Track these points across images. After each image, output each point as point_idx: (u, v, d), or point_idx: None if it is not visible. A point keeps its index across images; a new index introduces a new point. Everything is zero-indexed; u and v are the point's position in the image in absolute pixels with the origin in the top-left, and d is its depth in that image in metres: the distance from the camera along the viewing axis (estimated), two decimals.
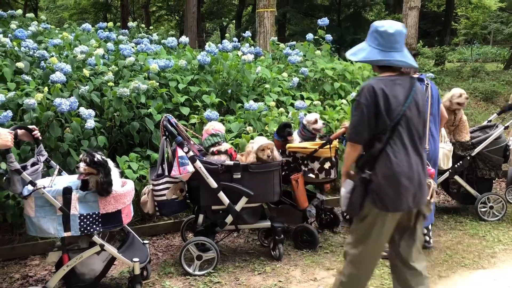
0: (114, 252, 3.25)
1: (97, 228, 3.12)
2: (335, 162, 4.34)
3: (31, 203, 3.07)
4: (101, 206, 3.11)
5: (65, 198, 3.07)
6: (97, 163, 3.10)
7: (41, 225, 3.07)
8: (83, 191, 3.12)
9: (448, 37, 19.18)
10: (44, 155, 3.44)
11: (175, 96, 5.15)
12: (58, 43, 5.73)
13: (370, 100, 2.52)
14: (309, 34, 7.29)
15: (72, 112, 4.32)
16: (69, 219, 3.07)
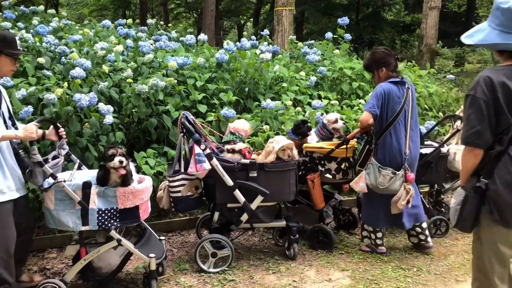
0: (131, 247, 3.27)
1: (115, 223, 3.15)
2: (353, 163, 4.30)
3: (51, 196, 3.11)
4: (119, 201, 3.13)
5: (84, 192, 3.09)
6: (125, 156, 3.17)
7: (60, 218, 3.11)
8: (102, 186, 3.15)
9: None
10: (65, 149, 3.49)
11: (193, 93, 5.17)
12: (79, 39, 5.80)
13: (488, 94, 2.16)
14: (328, 33, 7.25)
15: (91, 107, 4.36)
16: (88, 213, 3.09)
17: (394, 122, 3.88)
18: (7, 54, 3.05)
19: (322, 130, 4.48)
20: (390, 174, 3.84)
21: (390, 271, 3.87)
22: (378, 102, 3.87)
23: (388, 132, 3.91)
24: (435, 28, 11.44)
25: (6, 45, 3.03)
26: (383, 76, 3.99)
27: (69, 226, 3.11)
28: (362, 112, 5.59)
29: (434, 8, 11.23)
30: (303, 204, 4.36)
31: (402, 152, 3.89)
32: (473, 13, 18.07)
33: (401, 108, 3.87)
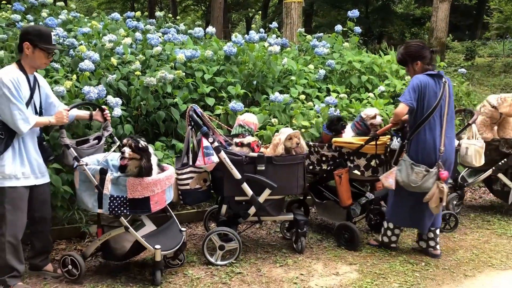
0: (137, 236, 3.36)
1: (125, 211, 3.27)
2: (384, 160, 4.12)
3: (77, 176, 3.33)
4: (129, 191, 3.23)
5: (101, 177, 3.26)
6: (141, 149, 3.25)
7: (82, 198, 3.32)
8: (117, 174, 3.29)
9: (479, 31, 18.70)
10: (109, 131, 3.69)
11: (201, 86, 5.16)
12: (87, 31, 5.80)
13: None
14: (338, 25, 7.19)
15: (100, 100, 4.37)
16: (102, 197, 3.25)
17: (429, 117, 3.73)
18: (42, 48, 3.19)
19: (359, 124, 4.33)
20: (423, 172, 3.68)
21: (398, 265, 3.86)
22: (415, 95, 3.71)
23: (423, 128, 3.75)
24: (446, 21, 11.30)
25: (42, 40, 3.18)
26: (418, 70, 3.85)
27: (89, 206, 3.33)
28: (371, 106, 5.58)
29: (444, 1, 11.10)
30: (331, 200, 4.31)
31: (436, 149, 3.73)
32: (485, 5, 17.83)
33: (438, 102, 3.72)
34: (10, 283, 3.19)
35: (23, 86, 3.13)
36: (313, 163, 4.45)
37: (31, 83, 3.22)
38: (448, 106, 3.80)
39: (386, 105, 5.65)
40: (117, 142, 3.71)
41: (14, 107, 3.04)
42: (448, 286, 3.55)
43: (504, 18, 16.87)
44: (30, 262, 3.53)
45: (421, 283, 3.56)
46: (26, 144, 3.21)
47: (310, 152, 4.44)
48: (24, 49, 3.16)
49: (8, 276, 3.18)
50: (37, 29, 3.23)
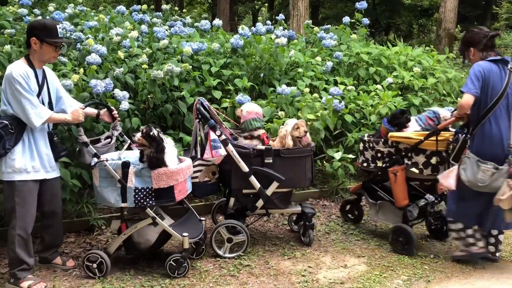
0: (165, 225, 3.44)
1: (150, 201, 3.32)
2: (445, 158, 3.79)
3: (97, 173, 3.34)
4: (154, 181, 3.28)
5: (123, 171, 3.30)
6: (150, 137, 3.29)
7: (103, 194, 3.33)
8: (139, 163, 3.34)
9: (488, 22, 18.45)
10: (118, 130, 3.73)
11: (208, 79, 5.15)
12: (94, 25, 5.80)
13: None
14: (345, 17, 7.13)
15: (107, 93, 4.37)
16: (126, 191, 3.29)
17: (494, 108, 3.39)
18: (49, 42, 3.19)
19: (432, 121, 3.97)
20: (491, 169, 3.33)
21: (407, 257, 3.85)
22: (479, 83, 3.37)
23: (488, 120, 3.41)
24: (454, 12, 11.19)
25: (47, 34, 3.19)
26: (474, 58, 3.55)
27: (111, 202, 3.34)
28: (379, 98, 5.54)
29: None
30: (386, 201, 4.08)
31: (504, 143, 3.38)
32: None
33: (504, 90, 3.38)
34: (20, 276, 3.22)
35: (32, 81, 3.14)
36: (367, 160, 4.17)
37: (40, 78, 3.23)
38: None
39: (394, 97, 5.61)
40: (127, 140, 3.73)
41: (26, 101, 3.06)
42: (457, 278, 3.53)
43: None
44: (40, 255, 3.57)
45: (430, 276, 3.55)
46: (36, 138, 3.22)
47: (364, 148, 4.20)
48: (32, 44, 3.17)
49: (18, 269, 3.21)
50: (42, 24, 3.23)
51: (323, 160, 5.22)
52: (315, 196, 5.18)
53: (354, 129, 5.39)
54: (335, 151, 5.14)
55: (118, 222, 3.54)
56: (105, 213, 4.44)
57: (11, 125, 3.08)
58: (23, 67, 3.13)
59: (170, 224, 3.54)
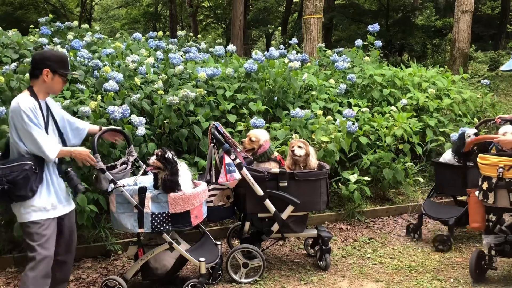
0: (182, 250, 3.45)
1: (167, 227, 3.33)
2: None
3: (113, 199, 3.36)
4: (170, 206, 3.30)
5: (140, 197, 3.32)
6: (165, 159, 3.33)
7: (120, 220, 3.35)
8: (155, 188, 3.36)
9: (503, 41, 18.35)
10: (133, 156, 3.72)
11: (222, 103, 5.21)
12: (111, 52, 5.94)
13: None
14: (358, 40, 7.18)
15: (124, 119, 4.45)
16: (143, 216, 3.30)
17: None
18: (61, 74, 3.15)
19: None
20: None
21: (426, 282, 3.77)
22: None
23: None
24: (468, 32, 11.16)
25: (61, 66, 3.15)
26: None
27: (128, 228, 3.35)
28: (394, 119, 5.52)
29: (466, 12, 10.98)
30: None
31: None
32: (508, 15, 17.55)
33: None
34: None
35: (39, 113, 3.03)
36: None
37: (44, 110, 3.13)
38: None
39: (409, 119, 5.59)
40: (143, 166, 3.71)
41: (38, 134, 2.94)
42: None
43: None
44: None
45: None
46: (51, 173, 3.11)
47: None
48: (43, 76, 3.06)
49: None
50: (57, 55, 3.17)
51: (339, 182, 5.19)
52: (331, 219, 5.13)
53: (369, 151, 5.36)
54: (351, 174, 5.12)
55: (135, 248, 3.55)
56: (121, 238, 4.46)
57: (35, 165, 2.96)
58: (30, 100, 3.00)
59: (187, 249, 3.55)
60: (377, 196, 5.59)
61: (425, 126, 5.88)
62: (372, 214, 5.29)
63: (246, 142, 3.96)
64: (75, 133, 3.36)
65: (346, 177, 5.10)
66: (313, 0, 8.86)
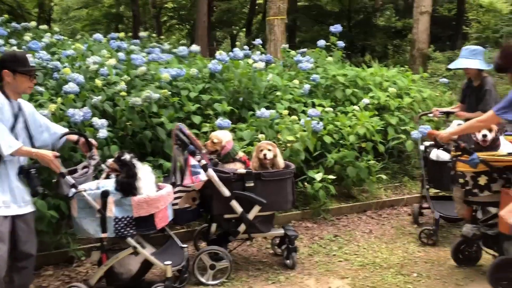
0: (147, 254, 3.38)
1: (131, 231, 3.27)
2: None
3: (75, 204, 3.28)
4: (134, 210, 3.24)
5: (103, 201, 3.24)
6: (121, 161, 3.27)
7: (82, 226, 3.26)
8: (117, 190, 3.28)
9: (459, 41, 19.00)
10: (95, 159, 3.62)
11: (187, 104, 5.16)
12: (71, 54, 5.79)
13: None
14: (320, 40, 7.27)
15: (85, 122, 4.34)
16: (106, 221, 3.22)
17: None
18: (22, 72, 3.12)
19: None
20: None
21: (390, 277, 3.85)
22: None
23: None
24: (427, 33, 11.51)
25: (19, 64, 3.12)
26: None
27: (90, 233, 3.27)
28: (357, 119, 5.63)
29: (424, 13, 11.31)
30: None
31: None
32: (463, 16, 18.19)
33: None
34: None
35: (5, 111, 3.04)
36: None
37: (15, 109, 3.12)
38: None
39: (371, 117, 5.70)
40: (105, 169, 3.63)
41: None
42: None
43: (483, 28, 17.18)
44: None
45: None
46: (8, 171, 3.05)
47: None
48: (5, 77, 3.07)
49: None
50: (12, 55, 3.21)
51: (304, 181, 5.25)
52: (297, 218, 5.17)
53: (333, 150, 5.44)
54: (316, 172, 5.18)
55: (98, 253, 3.46)
56: (84, 243, 4.34)
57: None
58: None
59: (152, 253, 3.50)
60: (342, 194, 5.68)
61: (387, 124, 6.02)
62: (337, 212, 5.37)
63: (209, 144, 3.98)
64: (53, 138, 3.38)
65: (311, 176, 5.16)
66: (276, 2, 8.89)
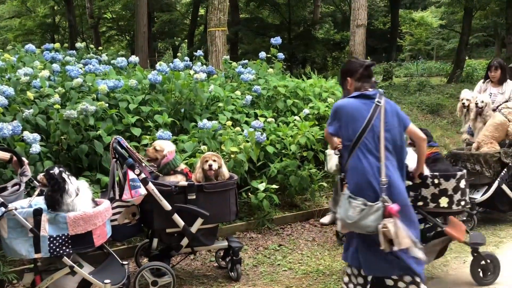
0: (84, 274, 3.20)
1: (67, 249, 3.09)
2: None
3: (4, 224, 3.06)
4: (70, 227, 3.07)
5: (35, 219, 3.04)
6: (50, 175, 3.10)
7: (14, 247, 3.06)
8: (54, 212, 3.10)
9: (394, 53, 19.96)
10: (27, 176, 3.43)
11: (126, 116, 5.03)
12: (0, 65, 5.48)
13: None
14: (261, 52, 7.35)
15: (16, 136, 4.12)
16: (39, 240, 3.04)
17: (359, 142, 3.08)
18: None
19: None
20: (361, 206, 2.97)
21: (332, 284, 3.91)
22: (335, 121, 3.26)
23: (355, 154, 3.10)
24: (363, 45, 11.94)
25: None
26: (351, 88, 3.29)
27: (23, 254, 3.06)
28: (298, 129, 5.72)
29: (360, 26, 11.75)
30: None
31: (371, 178, 3.01)
32: (397, 30, 19.14)
33: (367, 124, 3.08)
34: None
35: None
36: None
37: None
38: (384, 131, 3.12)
39: (311, 127, 5.82)
40: (38, 186, 3.44)
41: None
42: None
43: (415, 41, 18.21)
44: None
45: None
46: None
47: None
48: None
49: None
50: None
51: (248, 192, 5.24)
52: (242, 229, 5.15)
53: (276, 159, 5.49)
54: (259, 183, 5.19)
55: (31, 275, 3.24)
56: (16, 265, 4.08)
57: None
58: None
59: (90, 272, 3.32)
60: (285, 203, 5.73)
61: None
62: (281, 221, 5.40)
63: (150, 151, 3.89)
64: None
65: (255, 186, 5.16)
66: (217, 13, 8.94)
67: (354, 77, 3.28)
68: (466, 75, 16.10)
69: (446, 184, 3.62)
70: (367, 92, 3.21)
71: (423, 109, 10.79)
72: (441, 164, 3.91)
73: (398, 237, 2.87)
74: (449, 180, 3.63)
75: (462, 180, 3.68)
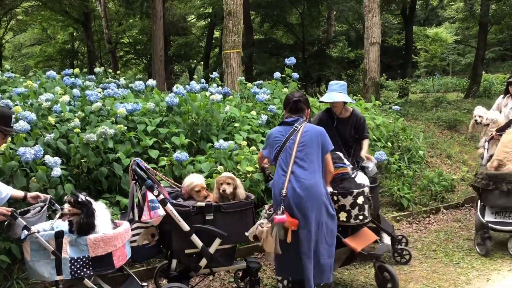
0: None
1: (88, 271, 3.15)
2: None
3: (27, 247, 3.16)
4: (90, 249, 3.15)
5: (57, 242, 3.13)
6: (80, 203, 3.17)
7: (36, 269, 3.14)
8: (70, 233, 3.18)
9: (409, 70, 19.90)
10: (46, 199, 3.53)
11: (144, 139, 5.11)
12: (23, 91, 5.65)
13: None
14: (276, 72, 7.43)
15: (37, 160, 4.22)
16: (61, 262, 3.11)
17: (277, 160, 3.78)
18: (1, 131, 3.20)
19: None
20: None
21: None
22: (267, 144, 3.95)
23: (276, 171, 3.81)
24: (377, 62, 11.96)
25: (3, 122, 3.19)
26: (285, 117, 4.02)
27: (45, 276, 3.14)
28: None
29: (374, 44, 11.79)
30: None
31: (277, 191, 3.71)
32: (411, 46, 19.10)
33: (282, 145, 3.76)
34: None
35: None
36: None
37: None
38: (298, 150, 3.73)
39: None
40: (59, 208, 3.49)
41: None
42: None
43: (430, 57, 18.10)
44: None
45: None
46: None
47: None
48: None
49: None
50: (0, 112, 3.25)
51: None
52: (259, 249, 5.13)
53: None
54: None
55: None
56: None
57: None
58: None
59: None
60: None
61: None
62: None
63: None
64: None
65: None
66: (231, 36, 9.09)
67: (286, 109, 4.01)
68: (484, 90, 15.93)
69: (343, 200, 3.95)
70: (287, 119, 3.91)
71: (440, 125, 10.68)
72: (347, 183, 4.14)
73: (265, 241, 3.52)
74: (346, 197, 3.96)
75: (360, 197, 3.96)
